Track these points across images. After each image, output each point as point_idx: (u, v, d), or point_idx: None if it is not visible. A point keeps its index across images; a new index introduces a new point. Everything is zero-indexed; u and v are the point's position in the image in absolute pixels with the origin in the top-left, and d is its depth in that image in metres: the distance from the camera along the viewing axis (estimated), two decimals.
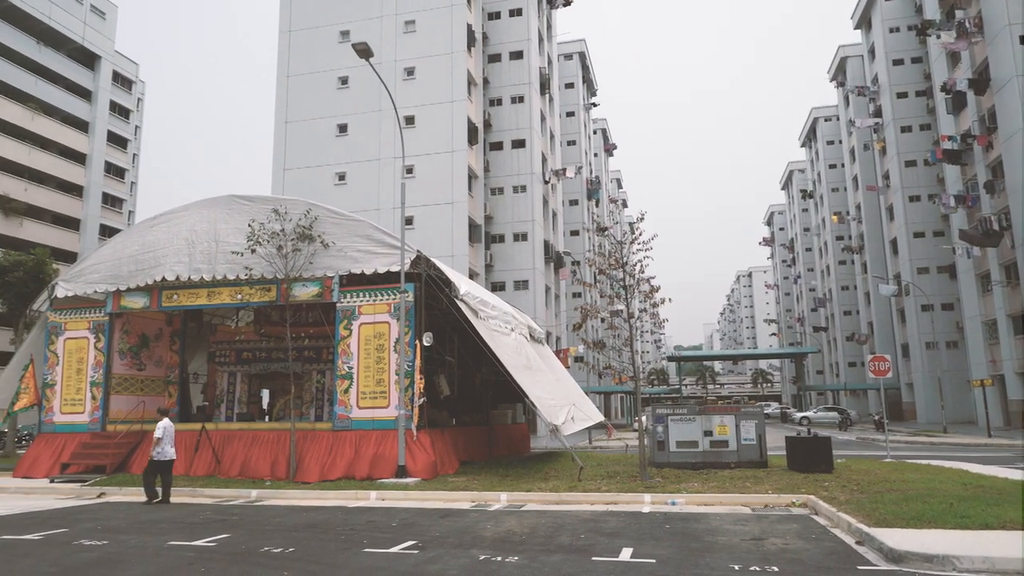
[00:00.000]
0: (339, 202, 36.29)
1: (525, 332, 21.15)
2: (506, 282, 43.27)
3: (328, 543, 8.82)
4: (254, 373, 20.59)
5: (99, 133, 52.13)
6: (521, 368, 17.03)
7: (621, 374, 55.76)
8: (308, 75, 43.02)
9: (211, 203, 18.09)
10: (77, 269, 19.31)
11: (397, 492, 13.43)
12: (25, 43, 46.58)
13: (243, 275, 17.11)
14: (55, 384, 18.95)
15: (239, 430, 17.30)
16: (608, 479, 14.33)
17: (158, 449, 13.44)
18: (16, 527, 10.53)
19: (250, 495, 14.03)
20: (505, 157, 45.09)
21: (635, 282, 15.35)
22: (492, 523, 10.22)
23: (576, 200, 65.21)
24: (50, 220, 47.90)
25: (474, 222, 41.00)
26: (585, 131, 69.21)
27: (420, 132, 40.18)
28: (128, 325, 19.65)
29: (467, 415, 22.04)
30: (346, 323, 16.69)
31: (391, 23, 42.20)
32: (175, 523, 10.74)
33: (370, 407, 16.10)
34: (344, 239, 16.83)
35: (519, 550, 8.15)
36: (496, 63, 46.51)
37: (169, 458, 13.59)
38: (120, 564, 7.77)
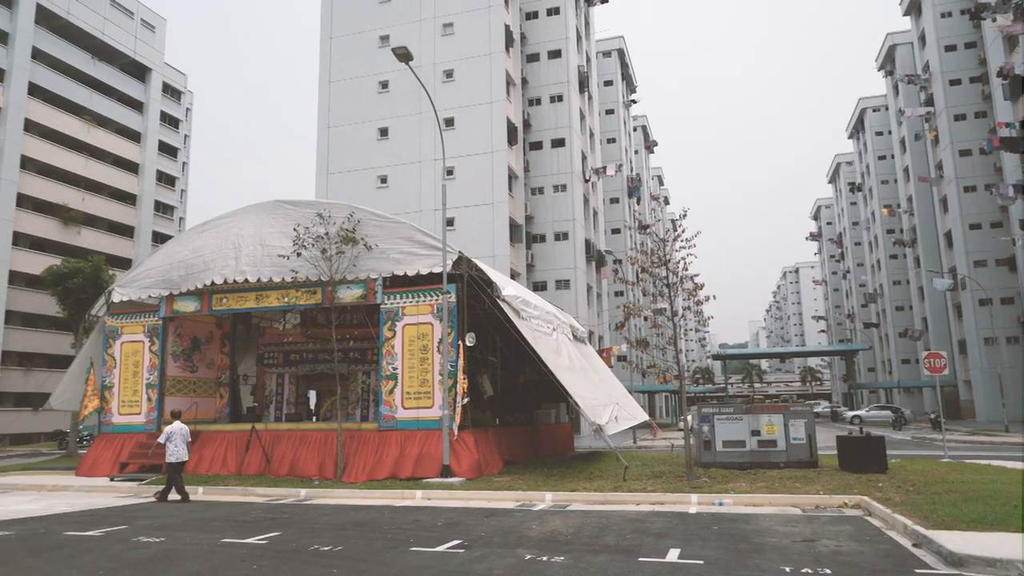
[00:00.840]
0: (381, 205, 36.75)
1: (567, 331, 21.08)
2: (548, 282, 43.19)
3: (375, 542, 8.93)
4: (301, 374, 20.98)
5: (150, 143, 53.81)
6: (564, 368, 16.98)
7: (665, 373, 55.14)
8: (349, 80, 43.66)
9: (257, 208, 18.49)
10: (131, 275, 19.95)
11: (442, 492, 13.52)
12: (80, 58, 48.39)
13: (288, 278, 17.45)
14: (113, 386, 19.62)
15: (287, 430, 17.65)
16: (654, 479, 14.19)
17: (171, 449, 13.92)
18: (79, 524, 10.93)
19: (299, 494, 14.29)
20: (545, 156, 45.02)
21: (678, 280, 15.16)
22: (537, 523, 10.22)
23: (617, 198, 64.74)
24: (106, 228, 49.62)
25: (515, 222, 41.03)
26: (625, 128, 68.66)
27: (460, 133, 40.39)
28: (181, 328, 20.22)
29: (510, 415, 22.07)
30: (390, 324, 16.87)
31: (429, 26, 42.53)
32: (228, 521, 11.00)
33: (415, 407, 16.25)
34: (387, 241, 17.03)
35: (565, 550, 8.12)
36: (534, 63, 46.47)
37: (180, 459, 14.04)
38: (176, 560, 8.00)
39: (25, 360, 42.99)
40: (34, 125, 44.56)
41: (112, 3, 50.87)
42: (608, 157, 61.97)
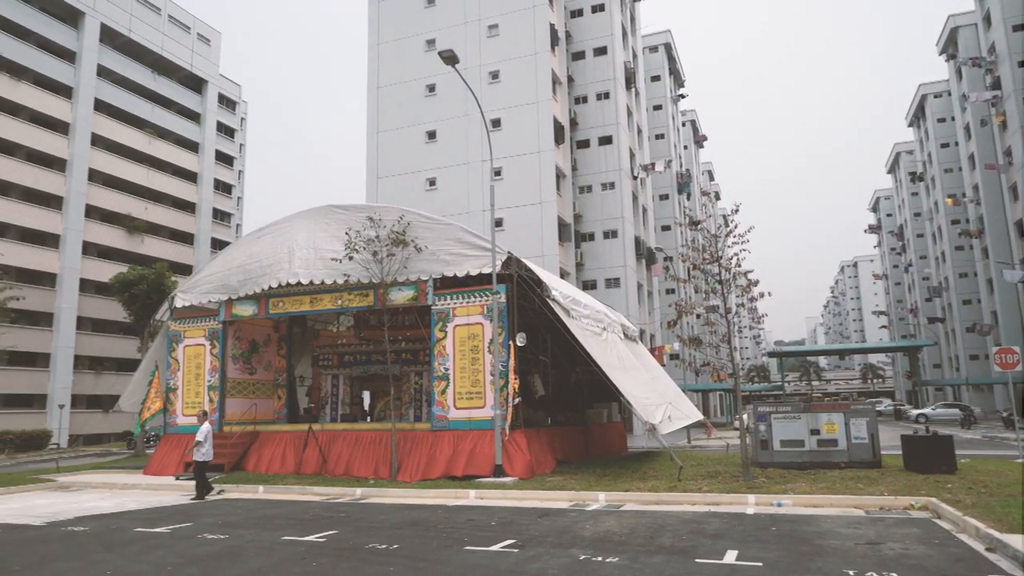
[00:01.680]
0: (430, 207, 37.10)
1: (618, 330, 20.91)
2: (597, 280, 42.93)
3: (430, 540, 9.02)
4: (355, 375, 21.35)
5: (208, 153, 55.60)
6: (615, 367, 16.85)
7: (719, 371, 54.21)
8: (397, 85, 44.22)
9: (310, 213, 18.89)
10: (192, 281, 20.64)
11: (495, 491, 13.57)
12: (142, 73, 50.34)
13: (341, 281, 17.77)
14: (177, 388, 20.32)
15: (343, 431, 17.98)
16: (709, 479, 13.96)
17: (203, 450, 14.46)
18: (148, 520, 11.36)
19: (355, 493, 14.55)
20: (592, 155, 44.75)
21: (731, 276, 14.88)
22: (591, 523, 10.16)
23: (666, 195, 63.91)
24: (168, 236, 51.47)
25: (563, 221, 40.91)
26: (673, 124, 67.73)
27: (507, 134, 40.48)
28: (240, 332, 20.81)
29: (562, 415, 22.01)
30: (441, 325, 17.03)
31: (475, 28, 42.74)
32: (287, 519, 11.27)
33: (467, 407, 16.35)
34: (436, 243, 17.18)
35: (619, 550, 8.06)
36: (580, 60, 46.24)
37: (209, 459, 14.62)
38: (239, 557, 8.24)
39: (96, 364, 44.94)
40: (100, 139, 46.54)
41: (170, 19, 52.73)
42: (656, 153, 61.23)
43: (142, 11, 50.23)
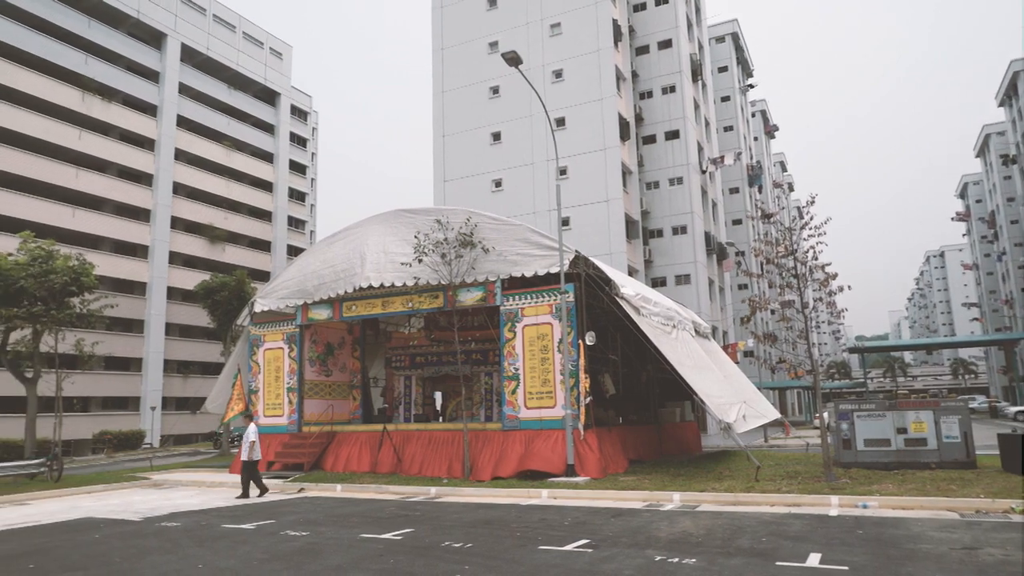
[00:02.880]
0: (496, 208, 37.33)
1: (690, 327, 20.52)
2: (667, 277, 42.24)
3: (504, 539, 9.08)
4: (427, 376, 21.70)
5: (282, 163, 57.64)
6: (687, 365, 16.54)
7: (797, 368, 52.43)
8: (461, 89, 44.69)
9: (380, 218, 19.31)
10: (270, 287, 21.42)
11: (567, 491, 13.54)
12: (219, 88, 52.64)
13: (411, 283, 18.08)
14: (258, 390, 21.13)
15: (416, 431, 18.30)
16: (788, 479, 13.53)
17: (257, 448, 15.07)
18: (234, 517, 11.86)
19: (429, 492, 14.78)
20: (659, 150, 44.07)
21: (807, 270, 14.38)
22: (666, 523, 10.01)
23: (737, 188, 62.29)
24: (246, 244, 53.62)
25: (630, 218, 40.45)
26: (742, 115, 65.98)
27: (571, 133, 40.32)
28: (316, 335, 21.46)
29: (634, 414, 21.77)
30: (510, 325, 17.11)
31: (537, 28, 42.76)
32: (365, 517, 11.55)
33: (537, 407, 16.37)
34: (503, 243, 17.27)
35: (696, 552, 7.90)
36: (644, 55, 45.62)
37: (257, 458, 15.21)
38: (320, 553, 8.50)
39: (183, 368, 47.26)
40: (182, 153, 48.92)
41: (245, 36, 54.93)
42: (725, 146, 59.79)
43: (219, 30, 52.52)
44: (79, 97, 42.45)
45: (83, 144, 42.32)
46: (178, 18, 49.30)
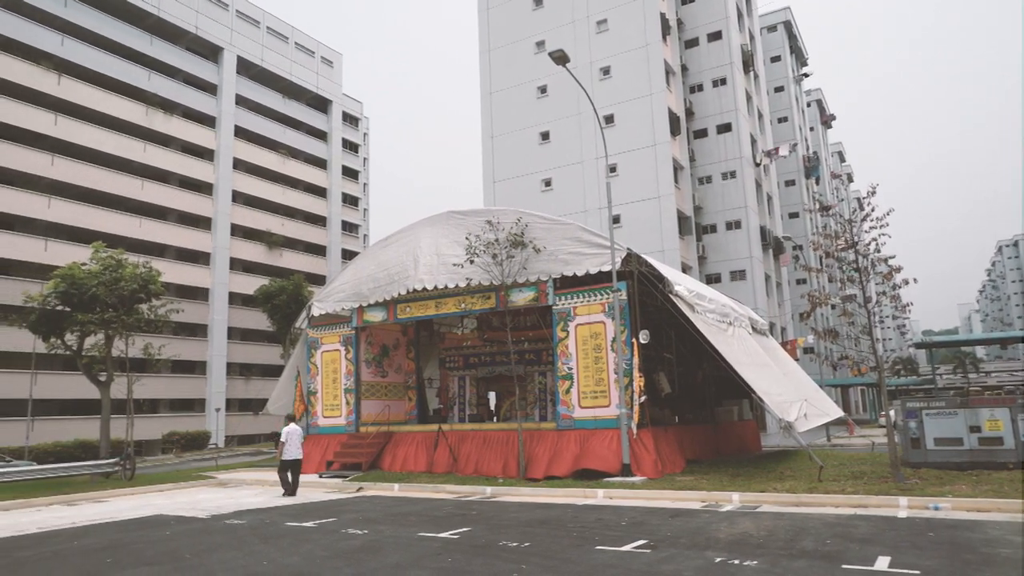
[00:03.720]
0: (546, 207, 37.28)
1: (746, 324, 20.10)
2: (721, 273, 41.48)
3: (561, 539, 9.05)
4: (481, 376, 21.83)
5: (335, 169, 58.87)
6: (744, 362, 16.20)
7: (860, 365, 50.78)
8: (509, 89, 44.79)
9: (431, 221, 19.51)
10: (326, 290, 21.88)
11: (624, 491, 13.42)
12: (273, 98, 54.11)
13: (463, 284, 18.21)
14: (317, 392, 21.61)
15: (471, 431, 18.42)
16: (853, 480, 13.11)
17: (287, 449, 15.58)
18: (296, 515, 12.15)
19: (485, 491, 14.85)
20: (710, 144, 43.30)
21: (870, 263, 13.92)
22: (726, 524, 9.82)
23: (793, 180, 60.72)
24: (302, 249, 54.93)
25: (683, 214, 39.86)
26: (797, 105, 64.25)
27: (620, 129, 39.97)
28: (371, 337, 21.83)
29: (690, 413, 21.45)
30: (562, 325, 17.06)
31: (583, 26, 42.54)
32: (422, 516, 11.69)
33: (591, 406, 16.29)
34: (554, 243, 17.24)
35: (757, 553, 7.73)
36: (693, 48, 44.89)
37: (293, 458, 15.66)
38: (380, 551, 8.63)
39: (245, 370, 48.72)
40: (240, 162, 50.46)
41: (297, 46, 56.31)
42: (780, 137, 58.32)
43: (272, 41, 53.98)
44: (143, 112, 44.22)
45: (147, 156, 44.08)
46: (234, 32, 50.85)
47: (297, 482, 15.89)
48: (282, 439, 15.86)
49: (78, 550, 9.46)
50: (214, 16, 49.48)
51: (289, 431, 15.94)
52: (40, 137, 39.23)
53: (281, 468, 15.82)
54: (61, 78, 40.11)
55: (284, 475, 15.77)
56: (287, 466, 15.78)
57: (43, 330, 22.59)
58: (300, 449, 16.01)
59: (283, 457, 15.75)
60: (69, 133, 40.05)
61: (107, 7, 43.35)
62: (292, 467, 15.81)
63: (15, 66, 38.15)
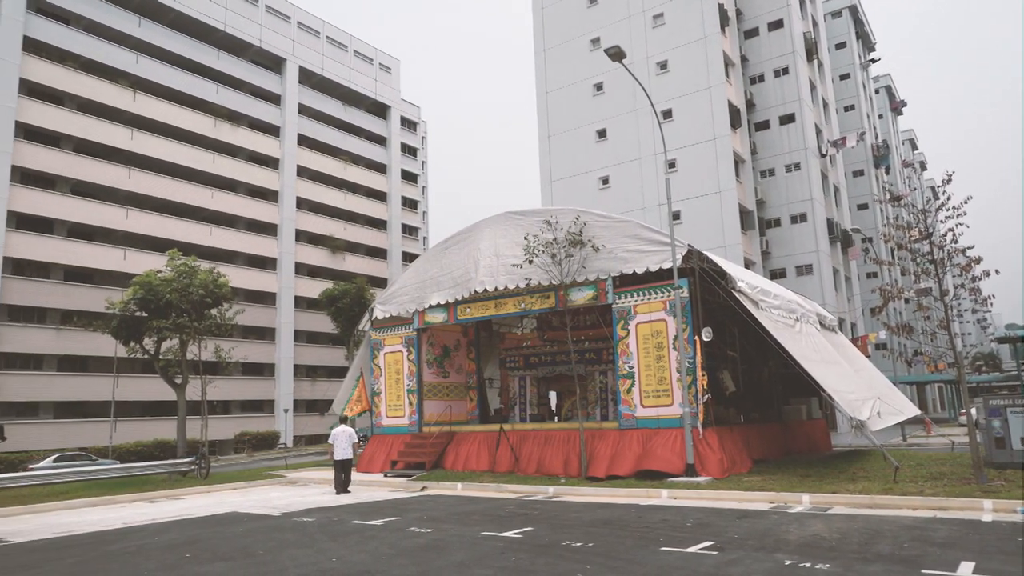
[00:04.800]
0: (604, 205, 37.03)
1: (814, 320, 19.48)
2: (786, 268, 40.35)
3: (624, 539, 8.97)
4: (541, 376, 21.82)
5: (394, 173, 59.92)
6: (812, 359, 15.71)
7: (936, 361, 48.55)
8: (564, 88, 44.67)
9: (490, 222, 19.62)
10: (388, 293, 22.27)
11: (688, 491, 13.21)
12: (334, 106, 55.45)
13: (523, 285, 18.25)
14: (380, 392, 22.02)
15: (532, 430, 18.45)
16: (932, 481, 12.55)
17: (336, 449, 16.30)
18: (363, 514, 12.42)
19: (547, 491, 14.85)
20: (773, 136, 42.18)
21: (946, 255, 13.30)
22: (795, 526, 9.55)
23: (861, 170, 58.59)
24: (364, 253, 56.08)
25: (745, 208, 38.94)
26: (864, 92, 61.95)
27: (679, 124, 39.35)
28: (432, 338, 22.11)
29: (756, 411, 20.93)
30: (623, 323, 16.90)
31: (639, 21, 42.05)
32: (485, 515, 11.77)
33: (654, 405, 16.08)
34: (613, 241, 17.09)
35: (830, 556, 7.49)
36: (753, 38, 43.81)
37: (342, 457, 16.31)
38: (445, 550, 8.73)
39: (311, 372, 50.07)
40: (303, 170, 51.90)
41: (356, 54, 57.54)
42: (846, 126, 56.33)
43: (332, 50, 55.33)
44: (212, 123, 45.98)
45: (216, 167, 45.81)
46: (295, 43, 52.35)
47: (347, 480, 16.51)
48: (329, 440, 16.65)
49: (160, 545, 9.91)
50: (277, 29, 51.05)
51: (336, 433, 16.73)
52: (118, 151, 41.25)
53: (336, 468, 16.55)
54: (136, 95, 42.08)
55: (337, 474, 16.47)
56: (337, 466, 16.50)
57: (123, 335, 23.77)
58: (349, 449, 16.63)
59: (334, 457, 16.52)
60: (144, 147, 41.99)
61: (177, 25, 45.27)
62: (341, 466, 16.46)
63: (96, 86, 40.24)
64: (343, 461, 16.51)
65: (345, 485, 16.44)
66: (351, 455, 16.71)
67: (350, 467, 16.79)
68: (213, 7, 46.66)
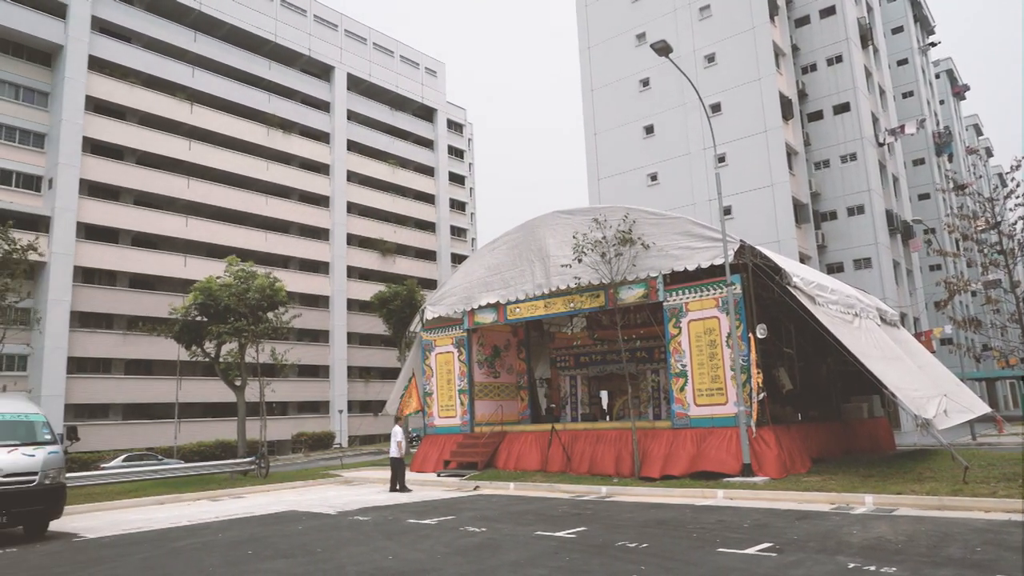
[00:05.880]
0: (653, 202, 36.60)
1: (874, 315, 18.87)
2: (844, 262, 39.18)
3: (680, 540, 8.85)
4: (592, 375, 21.72)
5: (442, 175, 60.48)
6: (873, 356, 15.22)
7: (1008, 356, 46.44)
8: (610, 85, 44.34)
9: (537, 222, 19.61)
10: (438, 294, 22.48)
11: (745, 491, 12.95)
12: (381, 111, 56.28)
13: (572, 284, 18.19)
14: (432, 393, 22.25)
15: (584, 430, 18.36)
16: (1006, 482, 12.00)
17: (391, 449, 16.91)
18: (417, 513, 12.56)
19: (600, 491, 14.76)
20: (827, 126, 41.02)
21: (1016, 244, 12.73)
22: (858, 528, 9.26)
23: (922, 159, 56.52)
24: (413, 255, 56.77)
25: (799, 202, 37.98)
26: (924, 78, 59.70)
27: (728, 118, 38.62)
28: (482, 338, 22.22)
29: (814, 410, 20.38)
30: (674, 321, 16.68)
31: (685, 14, 41.44)
32: (538, 515, 11.77)
33: (707, 404, 15.83)
34: (663, 238, 16.89)
35: (896, 560, 7.24)
36: (804, 26, 42.69)
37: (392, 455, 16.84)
38: (499, 549, 8.77)
39: (364, 373, 50.93)
40: (353, 175, 52.85)
41: (402, 59, 58.31)
42: (905, 113, 54.40)
43: (379, 56, 56.20)
44: (265, 132, 47.23)
45: (270, 174, 47.03)
46: (343, 51, 53.34)
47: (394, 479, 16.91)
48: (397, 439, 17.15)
49: (223, 542, 10.22)
50: (325, 37, 52.11)
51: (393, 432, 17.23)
52: (177, 162, 42.75)
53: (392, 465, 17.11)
54: (193, 107, 43.53)
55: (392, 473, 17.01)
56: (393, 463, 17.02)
57: (185, 339, 24.59)
58: (396, 448, 17.07)
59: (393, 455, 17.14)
60: (201, 157, 43.41)
61: (230, 38, 46.65)
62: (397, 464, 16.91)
63: (155, 100, 41.81)
64: (395, 459, 16.95)
65: (393, 483, 16.79)
66: (398, 453, 17.05)
67: (399, 466, 17.02)
68: (264, 19, 47.92)
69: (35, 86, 37.85)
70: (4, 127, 36.45)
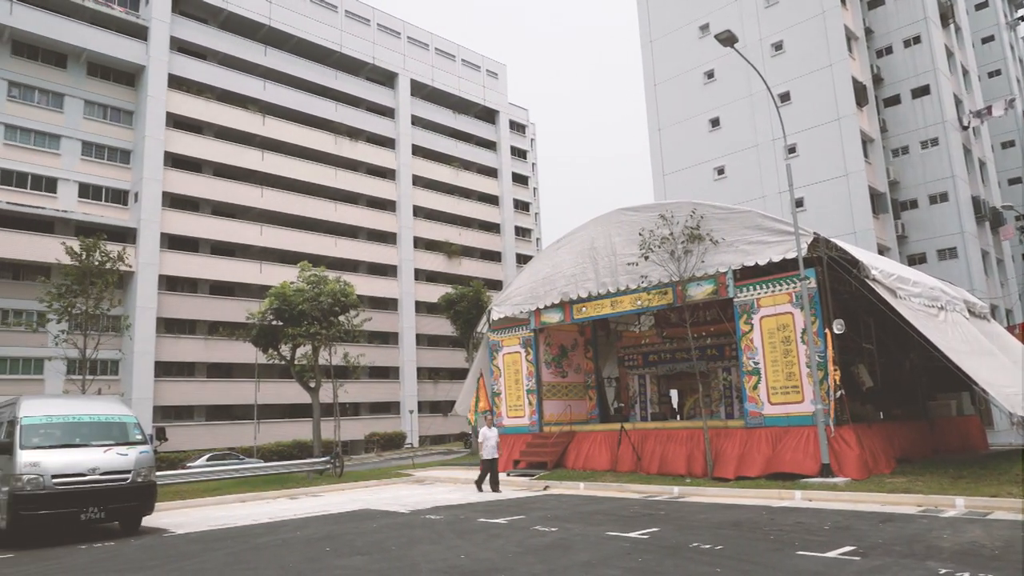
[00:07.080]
0: (720, 197, 35.77)
1: (961, 308, 17.92)
2: (926, 253, 37.33)
3: (757, 543, 8.62)
4: (661, 374, 21.40)
5: (505, 176, 60.76)
6: (962, 350, 14.47)
7: None
8: (674, 78, 43.59)
9: (602, 219, 19.46)
10: (504, 295, 22.59)
11: (824, 492, 12.51)
12: (444, 115, 57.00)
13: (640, 283, 17.97)
14: (500, 393, 22.37)
15: (654, 429, 18.11)
16: None
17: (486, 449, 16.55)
18: (488, 512, 12.65)
19: (672, 491, 14.53)
20: (905, 111, 39.16)
21: None
22: (949, 532, 8.81)
23: (1011, 141, 53.22)
24: (479, 256, 57.25)
25: (876, 191, 36.40)
26: (1013, 55, 56.21)
27: (797, 107, 37.37)
28: (549, 338, 22.20)
29: (898, 408, 19.50)
30: (746, 318, 16.26)
31: (749, 2, 40.32)
32: (609, 515, 11.67)
33: (782, 402, 15.36)
34: (732, 233, 16.48)
35: (992, 566, 6.84)
36: (878, 7, 40.87)
37: (485, 457, 16.52)
38: (570, 549, 8.74)
39: (433, 374, 51.69)
40: (418, 179, 53.70)
41: (464, 63, 58.89)
42: (992, 94, 51.36)
43: (440, 61, 56.95)
44: (332, 140, 48.56)
45: (338, 181, 48.32)
46: (406, 57, 54.29)
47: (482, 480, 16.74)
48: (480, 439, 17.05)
49: (302, 539, 10.55)
50: (388, 45, 53.15)
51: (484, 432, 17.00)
52: (251, 173, 44.43)
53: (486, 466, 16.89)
54: (265, 119, 45.17)
55: (484, 473, 16.82)
56: (485, 465, 16.80)
57: (262, 343, 25.54)
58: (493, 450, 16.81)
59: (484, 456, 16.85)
60: (274, 167, 45.00)
61: (298, 50, 48.16)
62: (489, 466, 16.67)
63: (230, 113, 43.60)
64: (488, 460, 16.71)
65: (480, 483, 16.74)
66: (491, 455, 16.76)
67: (492, 467, 16.76)
68: (329, 30, 49.27)
69: (120, 105, 40.05)
70: (94, 145, 38.74)
